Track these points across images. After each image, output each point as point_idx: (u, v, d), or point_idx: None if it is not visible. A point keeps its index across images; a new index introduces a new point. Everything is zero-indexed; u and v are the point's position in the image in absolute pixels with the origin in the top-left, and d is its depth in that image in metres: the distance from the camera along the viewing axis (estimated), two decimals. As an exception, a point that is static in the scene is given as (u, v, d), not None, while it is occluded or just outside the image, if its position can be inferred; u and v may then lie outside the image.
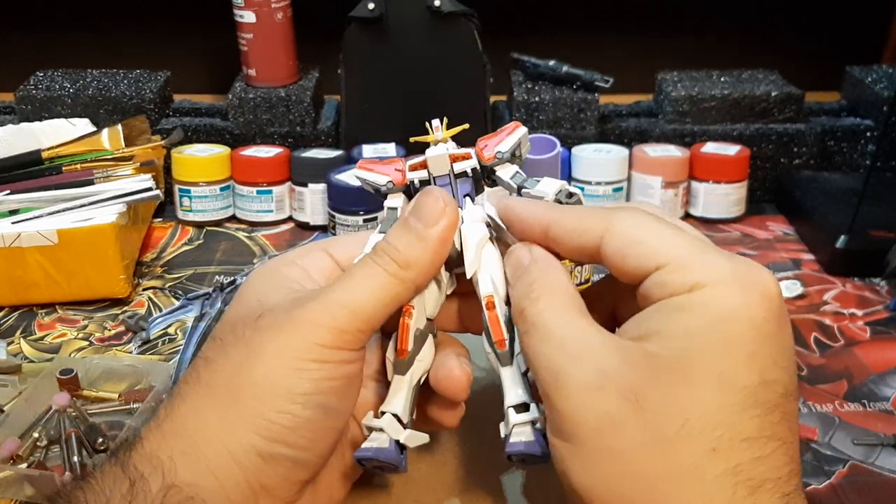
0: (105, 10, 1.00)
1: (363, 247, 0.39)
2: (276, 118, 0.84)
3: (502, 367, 0.37)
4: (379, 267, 0.36)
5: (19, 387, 0.54)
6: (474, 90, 0.81)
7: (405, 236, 0.37)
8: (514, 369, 0.37)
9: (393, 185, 0.41)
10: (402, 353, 0.38)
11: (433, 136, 0.41)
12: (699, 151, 0.79)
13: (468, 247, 0.38)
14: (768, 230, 0.79)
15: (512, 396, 0.37)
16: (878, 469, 0.50)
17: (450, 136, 0.41)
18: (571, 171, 0.79)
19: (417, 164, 0.41)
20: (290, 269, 0.39)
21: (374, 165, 0.42)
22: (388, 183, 0.41)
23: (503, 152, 0.40)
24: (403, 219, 0.38)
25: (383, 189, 0.41)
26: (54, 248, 0.64)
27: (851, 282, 0.70)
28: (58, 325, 0.64)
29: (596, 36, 0.99)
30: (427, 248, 0.37)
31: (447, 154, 0.40)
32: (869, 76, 0.89)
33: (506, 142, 0.41)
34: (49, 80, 0.87)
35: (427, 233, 0.37)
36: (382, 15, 0.79)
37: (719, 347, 0.30)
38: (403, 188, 0.41)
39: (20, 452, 0.48)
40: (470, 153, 0.41)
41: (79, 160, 0.74)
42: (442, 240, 0.37)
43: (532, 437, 0.35)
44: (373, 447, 0.37)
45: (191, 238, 0.78)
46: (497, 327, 0.37)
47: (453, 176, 0.40)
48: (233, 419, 0.34)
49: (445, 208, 0.37)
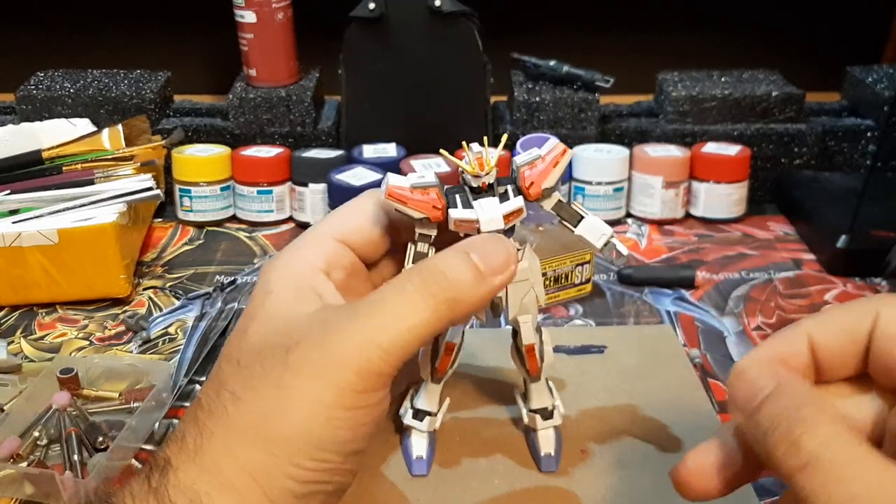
0: (106, 11, 1.00)
1: (367, 219, 0.39)
2: (277, 118, 0.84)
3: (532, 382, 0.45)
4: (422, 299, 0.34)
5: (20, 386, 0.54)
6: (474, 90, 0.81)
7: (465, 273, 0.35)
8: (542, 382, 0.45)
9: (429, 221, 0.39)
10: (442, 372, 0.44)
11: (473, 167, 0.38)
12: (700, 151, 0.79)
13: (511, 293, 0.40)
14: (769, 230, 0.79)
15: (536, 402, 0.46)
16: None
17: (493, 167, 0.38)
18: (572, 171, 0.79)
19: (465, 222, 0.38)
20: (310, 272, 0.37)
21: (408, 196, 0.38)
22: (424, 219, 0.39)
23: (550, 188, 0.39)
24: (465, 253, 0.36)
25: (415, 223, 0.39)
26: (55, 247, 0.64)
27: (852, 282, 0.69)
28: (58, 325, 0.64)
29: (596, 36, 0.99)
30: (483, 294, 0.36)
31: (504, 224, 0.38)
32: (869, 76, 0.89)
33: (553, 176, 0.39)
34: (50, 80, 0.87)
35: (489, 280, 0.36)
36: (383, 15, 0.79)
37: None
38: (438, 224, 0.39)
39: (20, 451, 0.48)
40: (522, 208, 0.38)
41: (79, 160, 0.74)
42: (498, 289, 0.36)
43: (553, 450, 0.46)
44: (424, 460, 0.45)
45: (191, 238, 0.78)
46: (535, 366, 0.44)
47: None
48: (269, 465, 0.33)
49: (510, 263, 0.36)
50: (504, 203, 0.38)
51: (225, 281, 0.69)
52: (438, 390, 0.45)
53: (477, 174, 0.38)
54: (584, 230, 0.39)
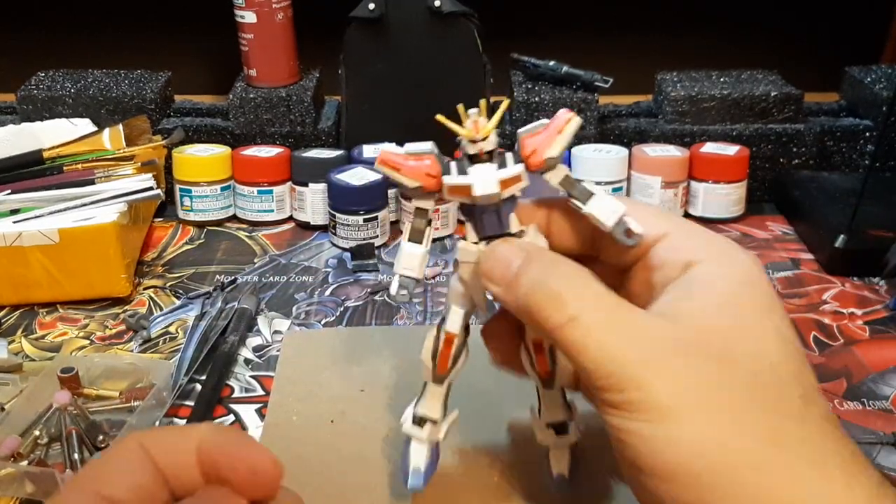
0: (106, 11, 1.00)
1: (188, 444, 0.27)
2: (277, 118, 0.84)
3: (545, 389, 0.40)
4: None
5: (20, 385, 0.55)
6: (474, 90, 0.81)
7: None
8: (556, 392, 0.40)
9: (423, 190, 0.36)
10: (443, 370, 0.39)
11: (469, 130, 0.35)
12: (699, 151, 0.79)
13: None
14: (768, 230, 0.79)
15: (550, 415, 0.41)
16: (878, 467, 0.50)
17: (493, 130, 0.35)
18: (571, 171, 0.79)
19: (458, 188, 0.35)
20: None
21: (401, 162, 0.36)
22: (418, 188, 0.36)
23: (554, 157, 0.35)
24: None
25: (409, 192, 0.37)
26: (55, 247, 0.64)
27: (850, 281, 0.70)
28: (59, 324, 0.64)
29: (596, 36, 0.99)
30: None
31: (499, 189, 0.34)
32: (868, 76, 0.89)
33: (557, 143, 0.35)
34: (50, 80, 0.87)
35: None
36: (383, 15, 0.80)
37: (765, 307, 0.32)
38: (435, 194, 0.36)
39: (21, 450, 0.48)
40: (520, 175, 0.35)
41: (80, 160, 0.74)
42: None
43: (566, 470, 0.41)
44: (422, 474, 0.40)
45: (192, 237, 0.78)
46: (545, 368, 0.39)
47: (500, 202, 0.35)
48: None
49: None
50: (502, 169, 0.35)
51: (225, 280, 0.69)
52: (442, 394, 0.40)
53: (473, 139, 0.35)
54: (594, 208, 0.35)
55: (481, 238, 0.37)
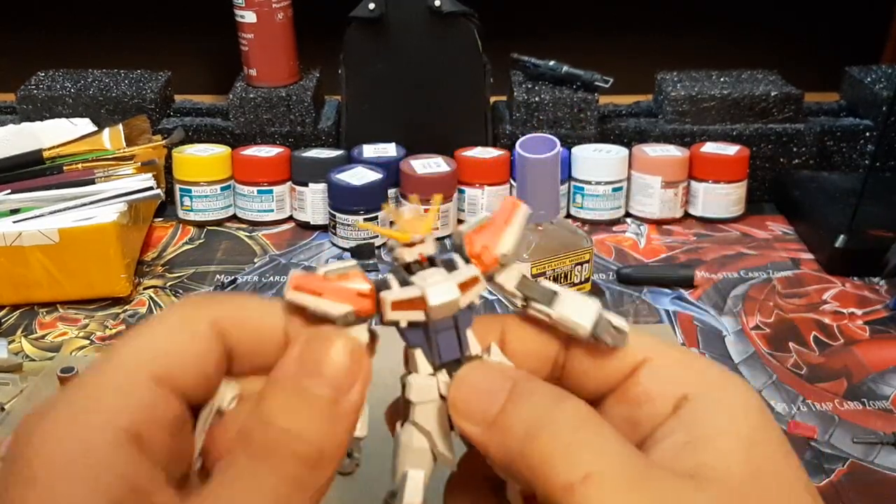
0: (106, 11, 1.00)
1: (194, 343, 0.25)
2: (277, 118, 0.84)
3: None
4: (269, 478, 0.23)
5: (20, 385, 0.55)
6: (474, 90, 0.82)
7: (307, 414, 0.23)
8: None
9: (354, 317, 0.27)
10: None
11: (406, 234, 0.28)
12: (699, 151, 0.79)
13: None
14: (768, 230, 0.79)
15: None
16: (878, 467, 0.50)
17: (431, 230, 0.28)
18: (571, 171, 0.80)
19: (406, 302, 0.27)
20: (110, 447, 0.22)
21: (323, 285, 0.27)
22: (349, 315, 0.27)
23: (507, 255, 0.29)
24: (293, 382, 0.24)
25: (339, 322, 0.26)
26: (55, 247, 0.64)
27: (850, 281, 0.70)
28: (59, 324, 0.64)
29: (596, 36, 1.00)
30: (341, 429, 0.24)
31: (459, 294, 0.27)
32: (868, 76, 0.89)
33: (507, 236, 0.29)
34: (50, 80, 0.87)
35: (340, 405, 0.24)
36: (383, 15, 0.80)
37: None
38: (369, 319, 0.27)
39: (22, 450, 0.48)
40: (478, 276, 0.28)
41: (80, 160, 0.74)
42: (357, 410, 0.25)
43: None
44: None
45: (192, 237, 0.78)
46: None
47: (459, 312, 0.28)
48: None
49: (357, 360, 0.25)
50: (454, 272, 0.28)
51: (225, 280, 0.69)
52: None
53: (411, 242, 0.28)
54: (566, 309, 0.28)
55: (438, 367, 0.28)
